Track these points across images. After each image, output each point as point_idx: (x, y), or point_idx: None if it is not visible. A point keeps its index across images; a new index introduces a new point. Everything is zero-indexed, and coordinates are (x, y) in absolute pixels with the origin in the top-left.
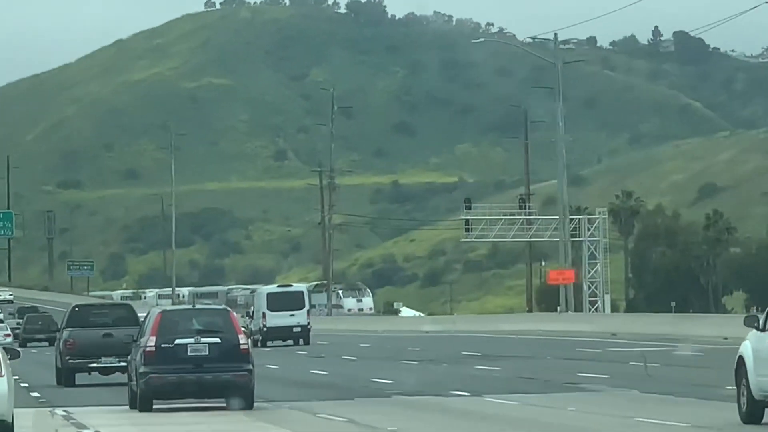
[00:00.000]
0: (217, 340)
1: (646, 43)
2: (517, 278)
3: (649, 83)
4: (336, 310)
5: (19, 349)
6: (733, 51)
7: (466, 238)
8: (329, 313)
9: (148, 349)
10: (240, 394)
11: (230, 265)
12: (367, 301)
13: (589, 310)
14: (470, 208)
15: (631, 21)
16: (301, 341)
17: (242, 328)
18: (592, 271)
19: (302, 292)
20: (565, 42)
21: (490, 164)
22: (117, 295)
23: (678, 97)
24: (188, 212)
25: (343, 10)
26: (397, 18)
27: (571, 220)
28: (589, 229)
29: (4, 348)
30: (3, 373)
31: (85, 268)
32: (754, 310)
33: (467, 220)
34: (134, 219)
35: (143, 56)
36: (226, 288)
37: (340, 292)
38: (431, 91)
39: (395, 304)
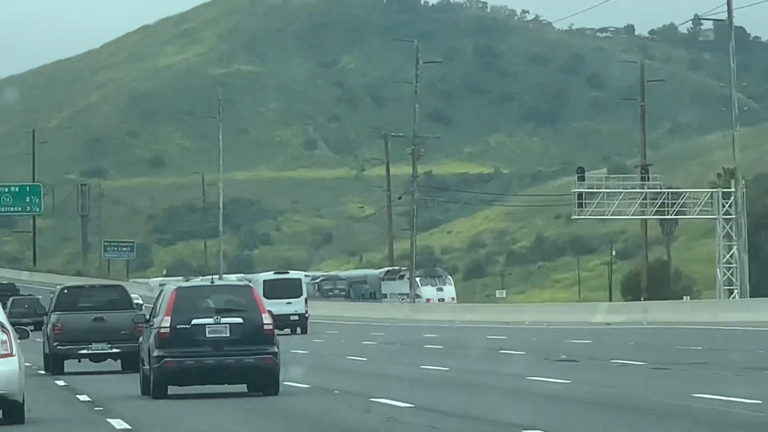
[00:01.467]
0: (239, 320)
1: (685, 32)
2: (563, 271)
3: (689, 72)
4: (405, 300)
5: (27, 328)
6: None
7: (579, 214)
8: (413, 301)
9: (162, 330)
10: (265, 379)
11: (259, 257)
12: (449, 290)
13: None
14: (584, 179)
15: (670, 9)
16: (298, 330)
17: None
18: (728, 255)
19: (299, 280)
20: (603, 30)
21: (526, 155)
22: (155, 282)
23: (719, 87)
24: (216, 202)
25: None
26: (431, 4)
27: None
28: (724, 206)
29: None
30: (14, 353)
31: (125, 249)
32: None
33: (580, 194)
34: (160, 209)
35: (170, 42)
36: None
37: (418, 279)
38: (466, 80)
39: (497, 292)
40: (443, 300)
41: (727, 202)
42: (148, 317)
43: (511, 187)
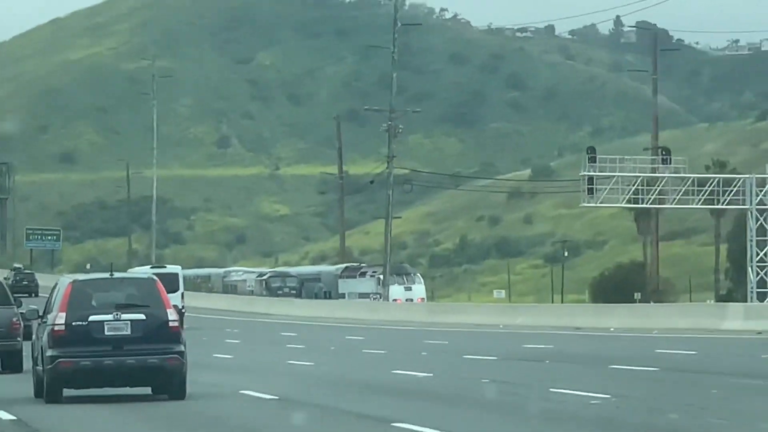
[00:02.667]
0: (141, 316)
1: (607, 33)
2: (490, 275)
3: (611, 75)
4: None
5: None
6: (697, 43)
7: (588, 202)
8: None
9: (56, 328)
10: (170, 381)
11: (171, 256)
12: (419, 289)
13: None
14: (595, 161)
15: (591, 9)
16: None
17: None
18: (761, 253)
19: (176, 274)
20: (523, 30)
21: (443, 156)
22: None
23: (642, 90)
24: (125, 199)
25: None
26: (348, 1)
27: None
28: (758, 194)
29: None
30: None
31: (50, 238)
32: None
33: (590, 178)
34: (70, 206)
35: (82, 35)
36: (222, 270)
37: (382, 277)
38: (383, 78)
39: (495, 292)
40: (412, 300)
41: (762, 191)
42: (41, 313)
43: (429, 189)
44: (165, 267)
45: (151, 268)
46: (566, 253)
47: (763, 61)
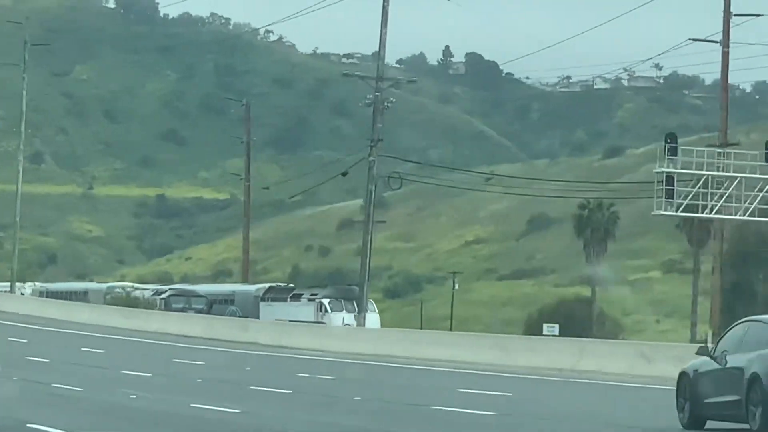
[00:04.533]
0: None
1: (435, 63)
2: None
3: (440, 106)
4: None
5: None
6: (527, 78)
7: (666, 210)
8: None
9: None
10: None
11: None
12: (372, 319)
13: None
14: (676, 152)
15: (422, 39)
16: None
17: None
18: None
19: None
20: (349, 56)
21: (266, 182)
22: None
23: (471, 123)
24: None
25: (112, 5)
26: (170, 17)
27: None
28: None
29: None
30: None
31: None
32: None
33: (669, 177)
34: None
35: None
36: (105, 286)
37: (326, 302)
38: (204, 99)
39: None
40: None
41: None
42: None
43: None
44: None
45: None
46: (456, 286)
47: (596, 99)
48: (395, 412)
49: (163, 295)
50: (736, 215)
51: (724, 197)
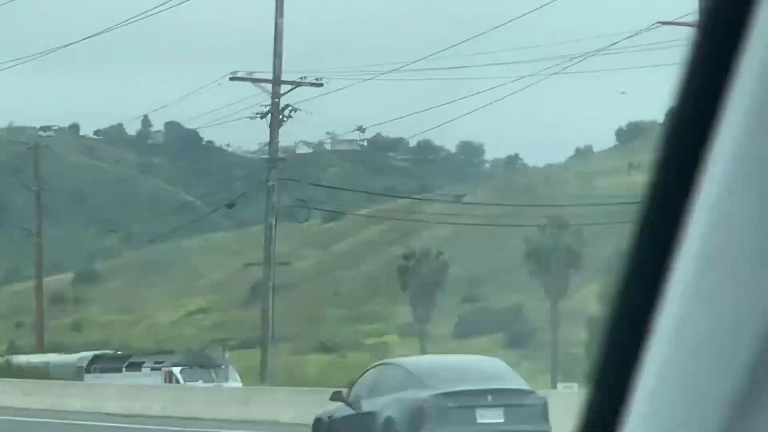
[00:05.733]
0: None
1: (133, 133)
2: None
3: (142, 177)
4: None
5: None
6: (228, 146)
7: None
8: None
9: None
10: None
11: None
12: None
13: None
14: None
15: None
16: None
17: None
18: None
19: None
20: (46, 128)
21: None
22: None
23: (176, 193)
24: None
25: None
26: None
27: None
28: None
29: None
30: None
31: None
32: None
33: None
34: None
35: None
36: None
37: (177, 370)
38: None
39: None
40: None
41: None
42: None
43: None
44: None
45: None
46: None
47: (301, 165)
48: None
49: None
50: None
51: None
